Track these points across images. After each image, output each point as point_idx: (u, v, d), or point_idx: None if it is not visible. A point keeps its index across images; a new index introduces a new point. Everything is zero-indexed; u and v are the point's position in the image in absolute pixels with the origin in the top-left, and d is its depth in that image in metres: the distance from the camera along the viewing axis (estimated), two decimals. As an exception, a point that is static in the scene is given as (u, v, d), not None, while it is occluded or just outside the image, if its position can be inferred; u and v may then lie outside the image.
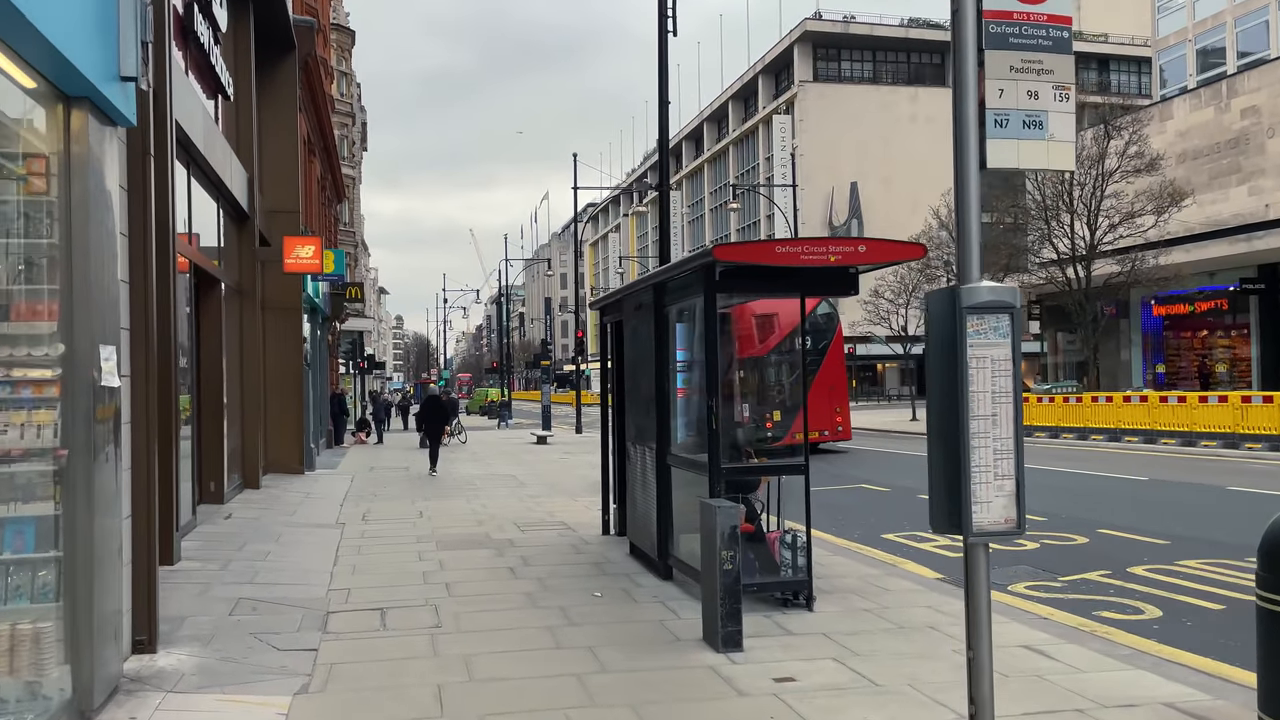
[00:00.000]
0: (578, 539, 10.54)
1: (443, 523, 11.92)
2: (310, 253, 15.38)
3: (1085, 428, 23.55)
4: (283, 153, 18.29)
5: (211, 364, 12.95)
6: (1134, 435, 22.65)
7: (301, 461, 18.26)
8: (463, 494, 15.29)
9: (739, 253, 6.66)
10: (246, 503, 13.48)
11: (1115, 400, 22.74)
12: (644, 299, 8.57)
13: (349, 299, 33.26)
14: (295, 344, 18.29)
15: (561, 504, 13.75)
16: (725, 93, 76.20)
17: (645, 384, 8.67)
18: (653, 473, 8.37)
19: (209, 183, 12.37)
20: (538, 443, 28.71)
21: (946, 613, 6.95)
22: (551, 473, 18.88)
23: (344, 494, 15.29)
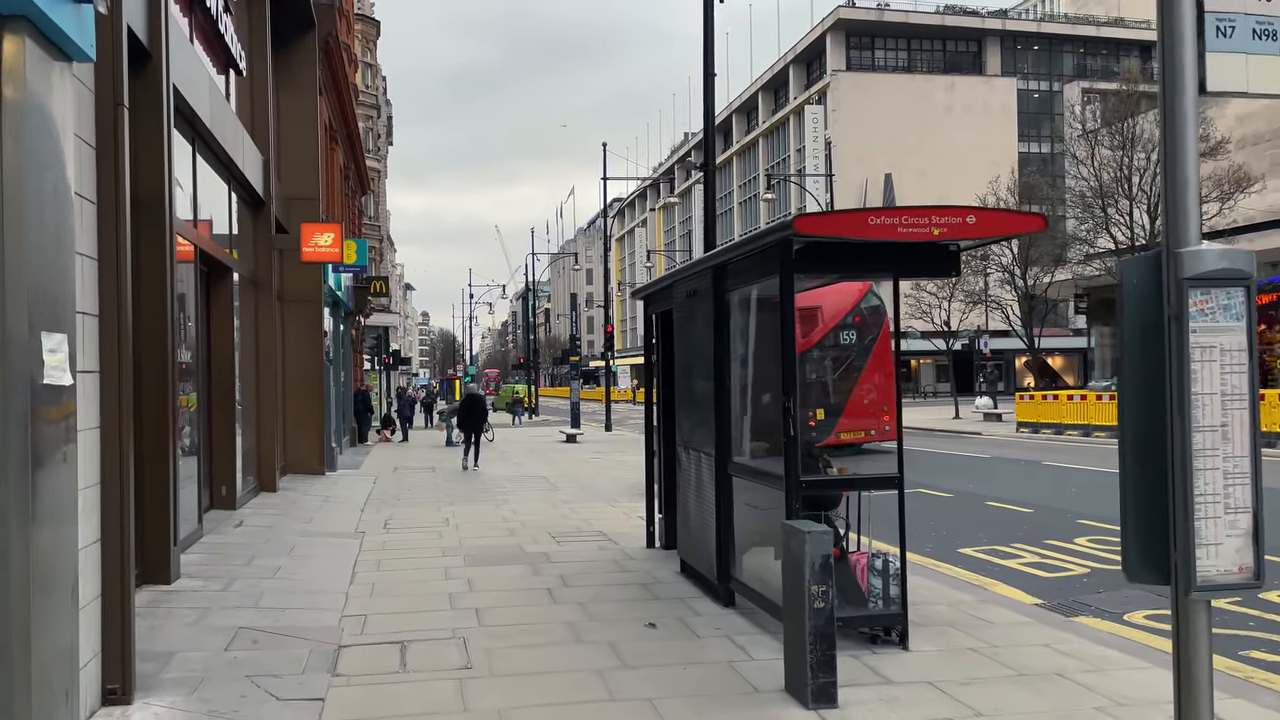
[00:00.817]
0: (620, 553, 9.50)
1: (471, 532, 10.92)
2: (329, 240, 14.45)
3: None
4: (302, 137, 17.39)
5: (223, 359, 12.03)
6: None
7: (322, 462, 17.37)
8: (491, 498, 14.30)
9: (824, 224, 5.59)
10: (261, 508, 12.56)
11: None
12: (700, 284, 7.50)
13: (374, 293, 32.43)
14: (315, 338, 17.40)
15: (597, 510, 12.71)
16: (754, 84, 74.86)
17: (700, 381, 7.62)
18: (710, 483, 7.31)
19: (219, 163, 11.43)
20: (567, 441, 27.74)
21: (1070, 654, 5.84)
22: (584, 474, 17.86)
23: (365, 498, 14.35)
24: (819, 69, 66.27)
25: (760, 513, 7.03)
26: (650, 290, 9.50)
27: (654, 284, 9.30)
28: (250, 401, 13.91)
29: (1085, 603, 7.61)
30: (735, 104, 79.01)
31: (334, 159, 22.96)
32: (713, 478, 7.24)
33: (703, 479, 7.55)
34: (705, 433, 7.49)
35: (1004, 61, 65.88)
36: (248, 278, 13.76)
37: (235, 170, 12.12)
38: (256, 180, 13.50)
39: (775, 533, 6.70)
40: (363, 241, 19.11)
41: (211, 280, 11.95)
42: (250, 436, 13.83)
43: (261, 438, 14.08)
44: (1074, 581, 8.38)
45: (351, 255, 18.74)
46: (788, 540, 5.19)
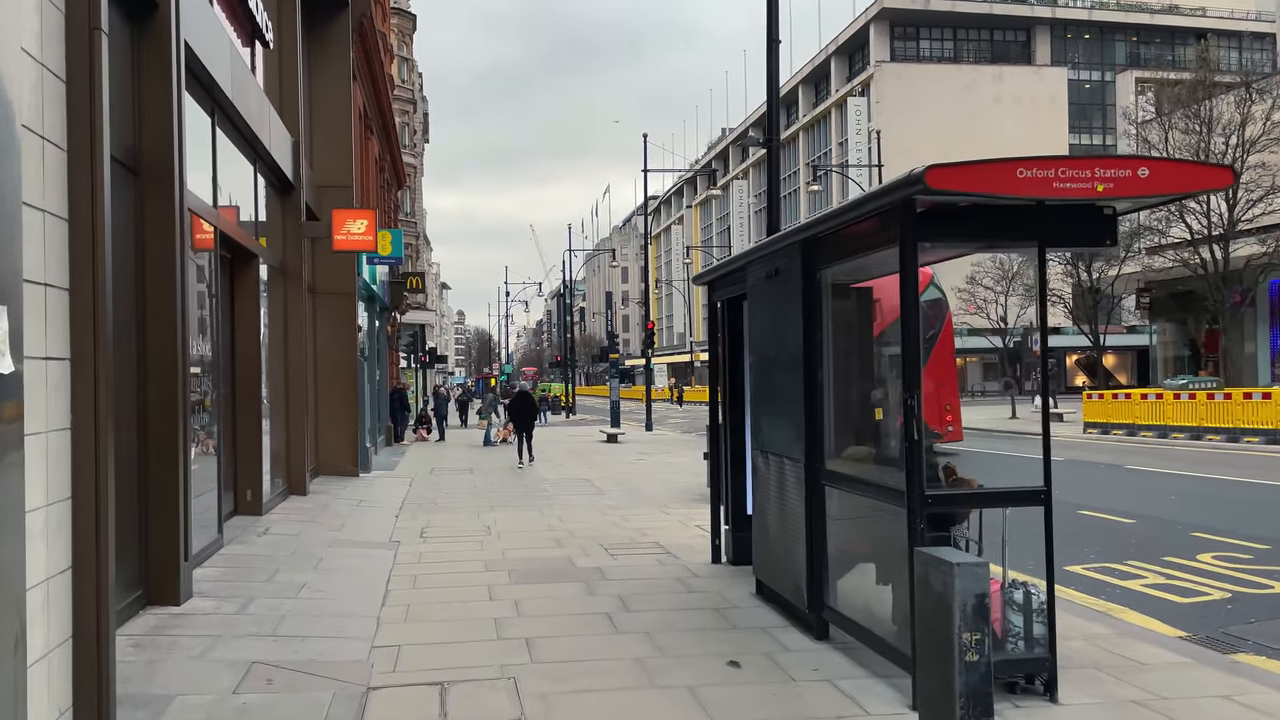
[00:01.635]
0: (682, 570, 8.46)
1: (515, 542, 9.95)
2: (363, 228, 13.57)
3: (1235, 428, 20.74)
4: (334, 121, 16.56)
5: (248, 353, 11.17)
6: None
7: (355, 463, 16.53)
8: (534, 503, 13.33)
9: (962, 177, 4.50)
10: (289, 513, 11.69)
11: (1277, 397, 19.88)
12: (784, 262, 6.45)
13: (410, 289, 31.72)
14: (349, 333, 16.56)
15: (650, 518, 11.69)
16: (794, 77, 73.40)
17: (783, 376, 6.57)
18: (797, 493, 6.26)
19: (242, 140, 10.56)
20: (608, 441, 26.77)
21: (1261, 709, 4.72)
22: (629, 477, 16.85)
23: (400, 502, 13.45)
24: (861, 60, 64.75)
25: (862, 529, 5.98)
26: (717, 274, 8.45)
27: (723, 266, 8.24)
28: (279, 399, 13.06)
29: (1239, 636, 6.45)
30: (774, 98, 77.56)
31: (369, 148, 22.17)
32: (800, 487, 6.19)
33: (786, 488, 6.50)
34: (789, 434, 6.45)
35: (1054, 51, 63.92)
36: (276, 267, 12.92)
37: (261, 149, 11.26)
38: (285, 162, 12.65)
39: (882, 553, 5.66)
40: (398, 232, 18.27)
41: (236, 268, 11.10)
42: (279, 436, 12.98)
43: (291, 438, 13.23)
44: (1216, 609, 7.21)
45: (386, 246, 17.90)
46: (925, 573, 4.13)
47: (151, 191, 6.66)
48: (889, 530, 5.50)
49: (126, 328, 6.54)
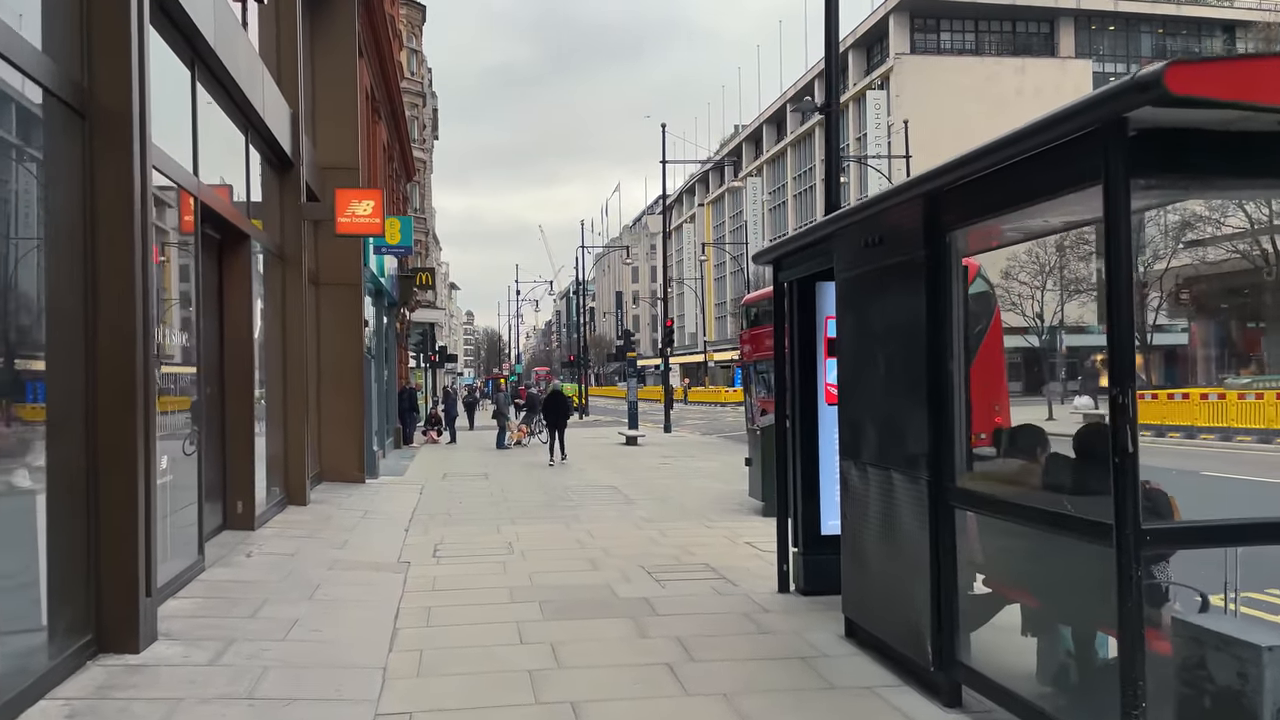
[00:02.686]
0: (745, 600, 7.13)
1: (542, 563, 8.63)
2: (369, 210, 12.27)
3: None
4: (339, 98, 15.28)
5: (240, 347, 9.89)
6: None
7: (361, 468, 15.24)
8: (559, 515, 12.02)
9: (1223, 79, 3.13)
10: (285, 527, 10.40)
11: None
12: (896, 224, 5.11)
13: (419, 285, 30.44)
14: (354, 327, 15.28)
15: (692, 533, 10.37)
16: (810, 71, 71.99)
17: (892, 369, 5.25)
18: (915, 517, 4.92)
19: (230, 102, 9.28)
20: (627, 443, 25.46)
21: None
22: (658, 484, 15.52)
23: (410, 513, 12.15)
24: (880, 53, 63.34)
25: (1010, 565, 4.65)
26: (788, 248, 7.10)
27: (797, 238, 6.89)
28: (276, 399, 11.78)
29: None
30: (790, 93, 76.21)
31: (376, 133, 20.91)
32: (920, 509, 4.85)
33: (896, 510, 5.16)
34: (900, 442, 5.12)
35: (1078, 42, 62.37)
36: (273, 252, 11.64)
37: (254, 116, 9.97)
38: (283, 135, 11.36)
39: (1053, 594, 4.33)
40: (407, 219, 16.99)
41: (225, 250, 9.82)
42: (276, 441, 11.70)
43: (290, 442, 11.95)
44: None
45: (395, 234, 16.63)
46: (1192, 654, 2.79)
47: (102, 138, 5.37)
48: (1054, 566, 4.18)
49: (70, 310, 5.25)
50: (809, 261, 6.82)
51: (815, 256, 6.64)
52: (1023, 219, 4.58)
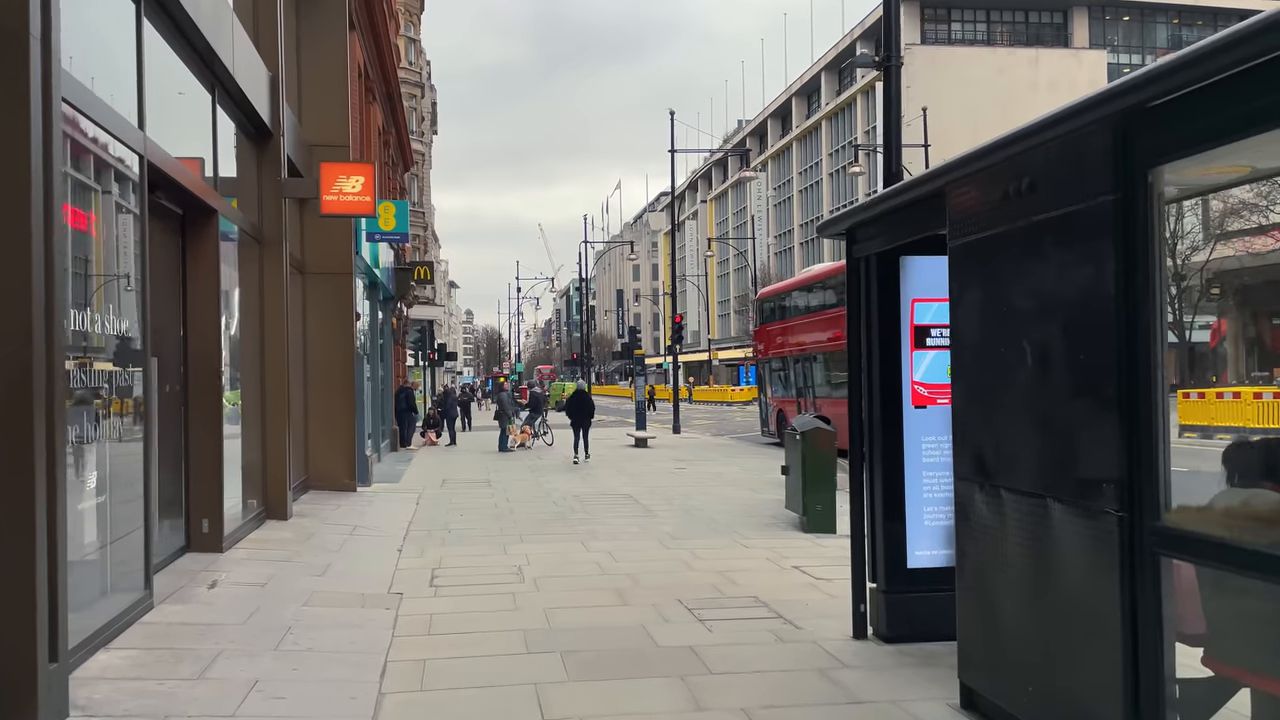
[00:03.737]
0: (815, 649, 5.76)
1: (559, 595, 7.26)
2: (358, 186, 10.90)
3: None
4: (327, 69, 13.91)
5: (204, 340, 8.52)
6: None
7: (352, 475, 13.87)
8: (573, 529, 10.65)
9: None
10: (262, 546, 9.04)
11: None
12: (1057, 164, 3.75)
13: (418, 279, 29.09)
14: (344, 321, 13.90)
15: (728, 554, 9.00)
16: (817, 64, 70.64)
17: (1046, 358, 3.88)
18: (1091, 564, 3.56)
19: (190, 50, 7.90)
20: (636, 446, 24.09)
21: None
22: (677, 491, 14.15)
23: (405, 527, 10.78)
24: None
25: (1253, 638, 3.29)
26: (869, 213, 5.70)
27: (886, 197, 5.48)
28: (253, 400, 10.43)
29: None
30: (795, 87, 74.88)
31: (371, 115, 19.54)
32: (1101, 556, 3.49)
33: (1057, 552, 3.79)
34: (1061, 460, 3.76)
35: (1091, 33, 60.95)
36: (249, 233, 10.27)
37: (221, 71, 8.60)
38: (260, 99, 9.99)
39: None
40: (403, 204, 15.58)
41: (189, 227, 8.45)
42: (253, 447, 10.34)
43: (269, 448, 10.58)
44: None
45: (390, 220, 15.26)
46: None
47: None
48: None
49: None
50: (899, 229, 5.45)
51: (910, 221, 5.27)
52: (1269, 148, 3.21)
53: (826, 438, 10.48)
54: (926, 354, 6.00)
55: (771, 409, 25.29)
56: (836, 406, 20.02)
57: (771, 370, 25.32)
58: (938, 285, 6.00)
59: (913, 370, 5.99)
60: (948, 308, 6.06)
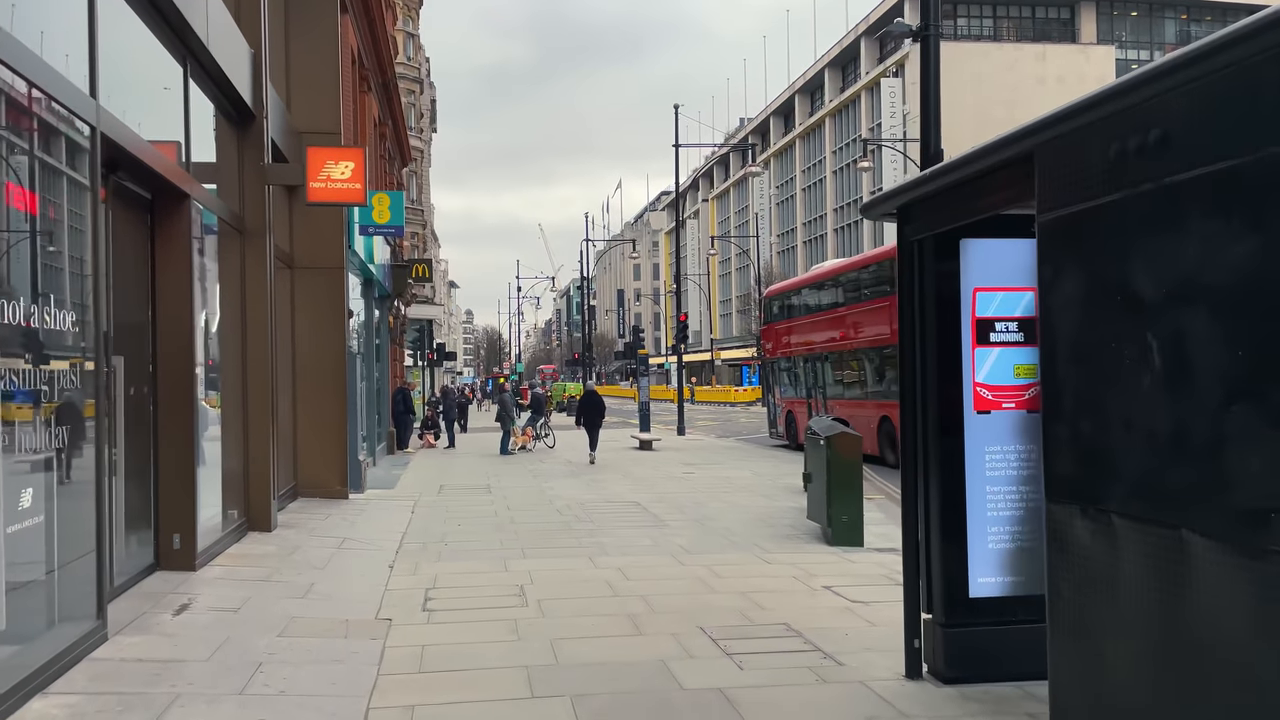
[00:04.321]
0: (864, 692, 4.99)
1: (565, 621, 6.50)
2: (348, 173, 10.13)
3: None
4: (317, 54, 13.14)
5: (175, 336, 7.77)
6: None
7: (344, 481, 13.11)
8: (579, 541, 9.88)
9: None
10: (240, 563, 8.27)
11: None
12: (1201, 111, 2.97)
13: (416, 277, 28.33)
14: (336, 319, 13.15)
15: (750, 571, 8.24)
16: (820, 60, 69.89)
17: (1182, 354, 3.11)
18: (1245, 615, 2.79)
19: (155, 14, 7.14)
20: (641, 448, 23.31)
21: None
22: (688, 499, 13.38)
23: (399, 539, 10.01)
24: (894, 41, 61.13)
25: None
26: (931, 186, 4.91)
27: (955, 166, 4.70)
28: (234, 402, 9.67)
29: None
30: (798, 84, 74.11)
31: (365, 105, 18.78)
32: (1267, 609, 2.71)
33: (1197, 598, 3.01)
34: (1210, 483, 2.99)
35: (1099, 28, 60.20)
36: (230, 223, 9.51)
37: (194, 43, 7.83)
38: (240, 77, 9.24)
39: None
40: (398, 195, 14.80)
41: (158, 213, 7.69)
42: (234, 454, 9.59)
43: (251, 455, 9.82)
44: None
45: (384, 212, 14.49)
46: None
47: None
48: None
49: None
50: (965, 205, 4.67)
51: (980, 196, 4.50)
52: None
53: (852, 443, 9.71)
54: (990, 351, 5.23)
55: (780, 410, 24.52)
56: (851, 408, 19.25)
57: (780, 370, 24.54)
58: (1004, 271, 5.26)
59: (974, 370, 5.22)
60: (1016, 298, 5.31)
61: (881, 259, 18.87)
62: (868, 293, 19.10)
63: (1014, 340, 5.25)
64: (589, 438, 20.42)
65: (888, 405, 18.11)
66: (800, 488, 14.45)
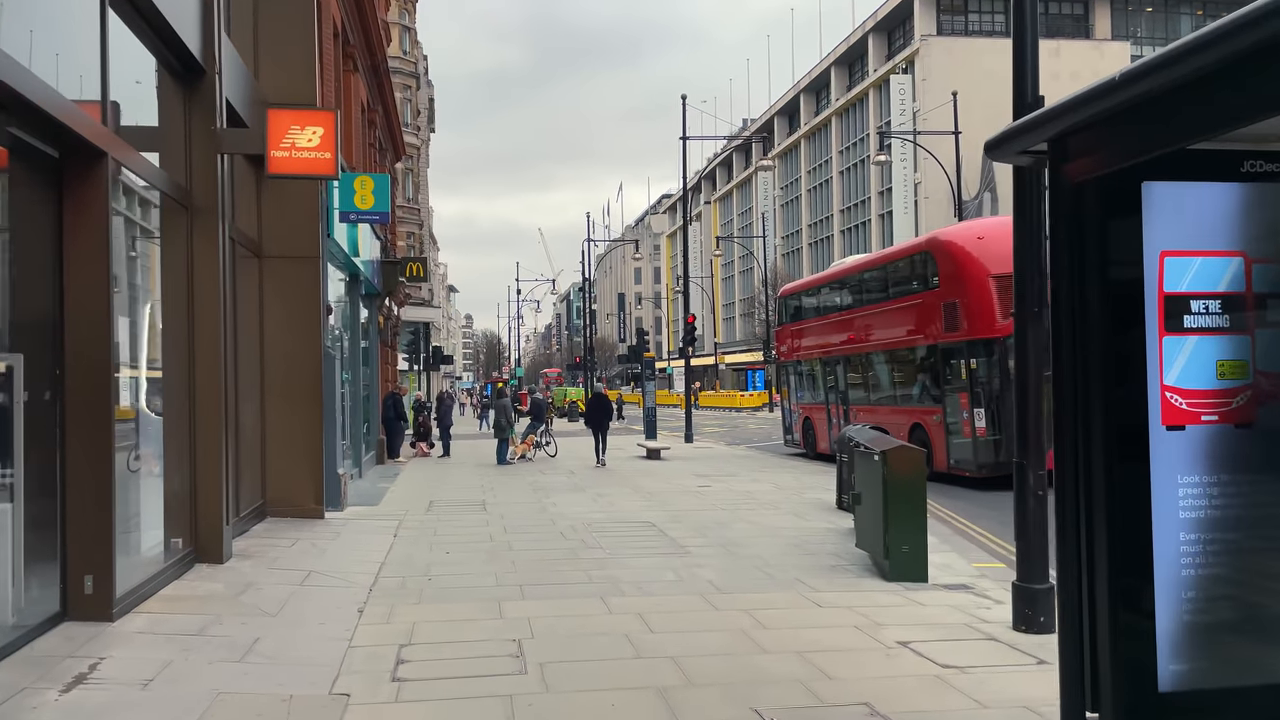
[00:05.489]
0: (1016, 833, 3.45)
1: (575, 699, 4.96)
2: (316, 140, 8.61)
3: None
4: (289, 17, 11.62)
5: (90, 327, 6.25)
6: None
7: (320, 497, 11.58)
8: (586, 574, 8.34)
9: None
10: (173, 607, 6.74)
11: None
12: None
13: (410, 276, 26.83)
14: (310, 315, 11.62)
15: (802, 618, 6.70)
16: (826, 58, 68.43)
17: None
18: None
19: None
20: (649, 457, 21.79)
21: None
22: (709, 519, 11.84)
23: (375, 572, 8.47)
24: (903, 36, 59.72)
25: None
26: (1113, 101, 3.38)
27: (1159, 65, 3.17)
28: (178, 410, 8.15)
29: None
30: (803, 83, 72.64)
31: (351, 86, 17.27)
32: None
33: None
34: None
35: (1114, 24, 58.73)
36: (173, 197, 7.99)
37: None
38: (185, 25, 7.73)
39: None
40: (383, 177, 13.20)
41: (68, 177, 6.18)
42: (178, 472, 8.08)
43: (200, 472, 8.29)
44: None
45: (368, 196, 12.97)
46: None
47: None
48: None
49: None
50: (1163, 129, 3.14)
51: (1197, 108, 2.97)
52: None
53: (913, 459, 8.19)
54: (1185, 341, 3.69)
55: (796, 417, 22.97)
56: (879, 414, 17.66)
57: (797, 374, 22.99)
58: (1203, 228, 3.72)
59: (1162, 368, 3.69)
60: (1219, 266, 3.79)
61: (915, 251, 17.35)
62: (900, 289, 17.56)
63: (1217, 326, 3.72)
64: (596, 440, 20.67)
65: (921, 411, 16.59)
66: (832, 504, 12.94)
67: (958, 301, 15.35)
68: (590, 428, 21.43)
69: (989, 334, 14.86)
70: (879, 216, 60.35)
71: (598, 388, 26.32)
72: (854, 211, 64.18)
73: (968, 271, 15.22)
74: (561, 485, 16.06)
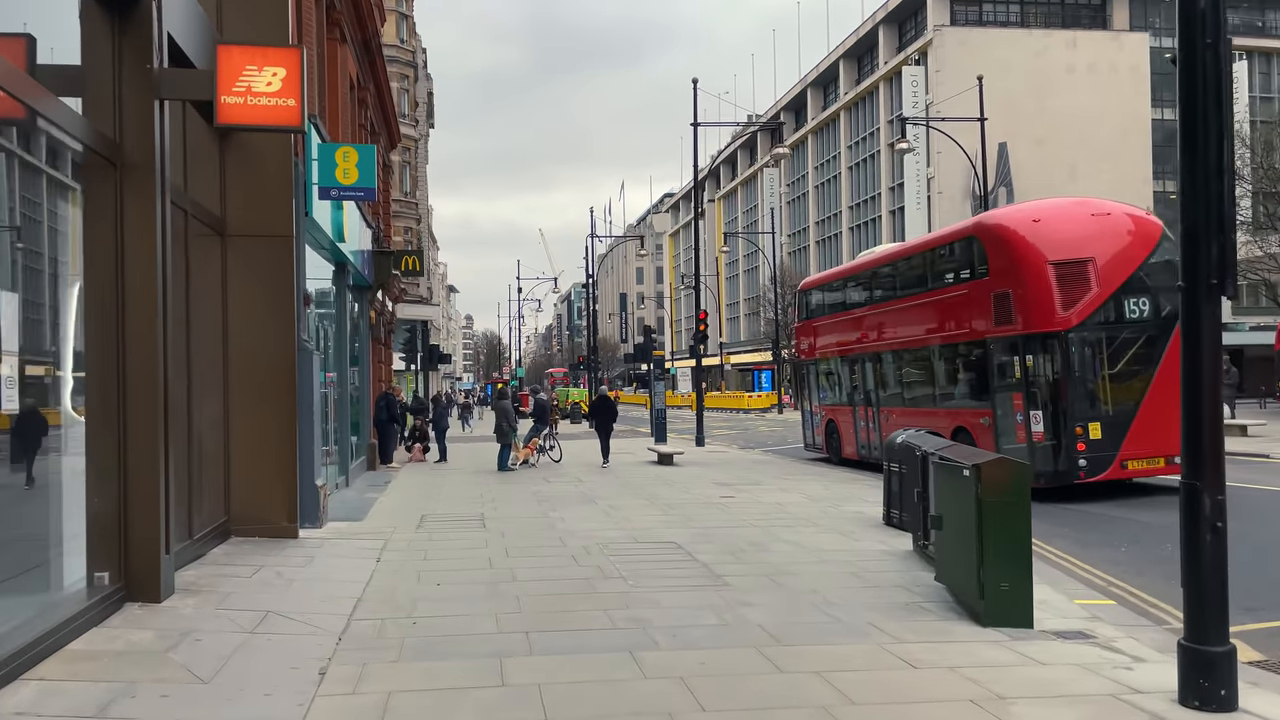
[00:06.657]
0: None
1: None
2: (276, 84, 7.05)
3: None
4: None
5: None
6: None
7: (293, 513, 10.02)
8: (609, 615, 6.76)
9: None
10: (74, 673, 5.17)
11: None
12: None
13: (406, 270, 25.19)
14: (283, 304, 10.06)
15: (889, 679, 5.14)
16: (835, 51, 66.85)
17: None
18: None
19: None
20: (660, 462, 20.21)
21: None
22: (742, 535, 10.27)
23: (349, 612, 6.89)
24: (914, 27, 58.14)
25: None
26: None
27: None
28: (104, 415, 6.59)
29: None
30: (810, 77, 71.08)
31: (337, 56, 15.72)
32: None
33: None
34: None
35: (1132, 14, 57.13)
36: (97, 151, 6.43)
37: None
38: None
39: None
40: (368, 149, 11.58)
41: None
42: (104, 488, 6.53)
43: (133, 489, 6.72)
44: None
45: (351, 170, 11.40)
46: None
47: None
48: None
49: None
50: None
51: None
52: None
53: (1015, 474, 6.61)
54: None
55: (819, 419, 21.36)
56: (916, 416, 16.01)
57: (819, 373, 21.38)
58: None
59: None
60: None
61: (958, 238, 15.75)
62: (940, 279, 15.95)
63: None
64: (601, 441, 20.65)
65: (966, 413, 15.00)
66: (878, 519, 11.39)
67: (1010, 292, 13.77)
68: (595, 429, 21.48)
69: (1047, 328, 13.29)
70: (890, 213, 58.74)
71: (601, 389, 26.83)
72: (863, 208, 62.60)
73: (1023, 258, 13.63)
74: (570, 496, 14.47)
